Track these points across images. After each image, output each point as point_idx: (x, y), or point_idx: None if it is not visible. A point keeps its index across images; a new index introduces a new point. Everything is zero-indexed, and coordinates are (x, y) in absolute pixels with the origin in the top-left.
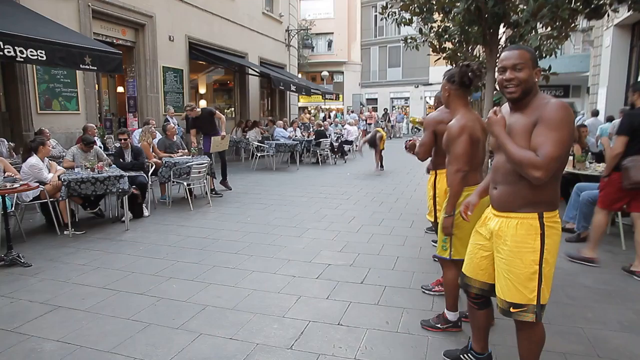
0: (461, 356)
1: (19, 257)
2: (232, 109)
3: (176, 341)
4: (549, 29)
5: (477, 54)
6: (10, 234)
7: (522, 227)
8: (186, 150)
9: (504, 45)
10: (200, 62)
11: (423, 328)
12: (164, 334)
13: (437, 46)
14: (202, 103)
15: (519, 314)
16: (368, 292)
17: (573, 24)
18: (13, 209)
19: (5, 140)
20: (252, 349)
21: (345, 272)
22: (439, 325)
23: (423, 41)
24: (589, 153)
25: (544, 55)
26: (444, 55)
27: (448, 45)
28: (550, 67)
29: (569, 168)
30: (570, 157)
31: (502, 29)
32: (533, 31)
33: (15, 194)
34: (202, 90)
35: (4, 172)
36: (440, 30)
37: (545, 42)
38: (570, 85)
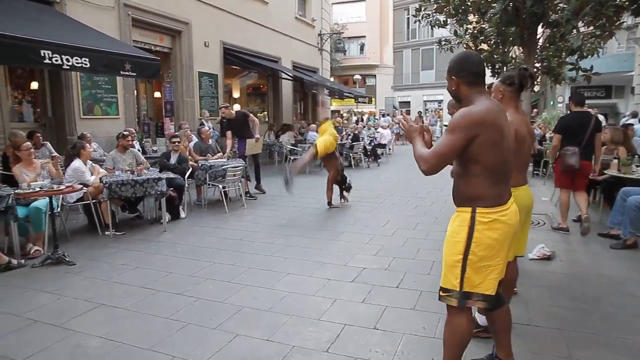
0: None
1: (64, 255)
2: (266, 112)
3: (213, 341)
4: (592, 27)
5: (514, 55)
6: (56, 233)
7: (458, 219)
8: (221, 154)
9: (542, 46)
10: (235, 66)
11: None
12: (202, 333)
13: (473, 48)
14: (236, 107)
15: (445, 298)
16: (404, 296)
17: (618, 22)
18: (59, 209)
19: (48, 143)
20: (288, 351)
21: (380, 276)
22: None
23: (458, 43)
24: (636, 156)
25: (585, 55)
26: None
27: (484, 46)
28: (592, 68)
29: (613, 172)
30: (615, 161)
31: (540, 29)
32: (574, 30)
33: (61, 196)
34: (236, 94)
35: (49, 175)
36: (475, 31)
37: (587, 42)
38: (613, 86)
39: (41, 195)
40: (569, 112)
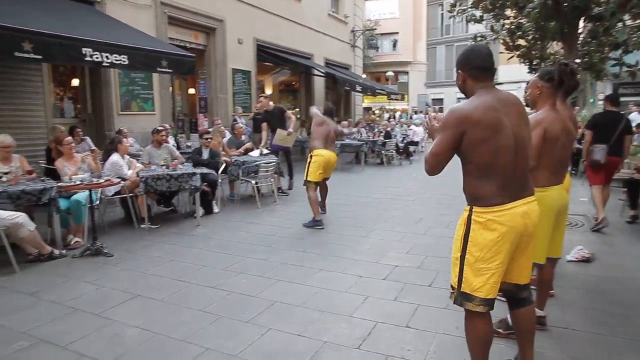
0: None
1: (102, 247)
2: (298, 109)
3: (246, 334)
4: (639, 20)
5: (553, 51)
6: (95, 225)
7: (460, 218)
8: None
9: (583, 40)
10: (267, 63)
11: None
12: (234, 327)
13: (510, 43)
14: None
15: (451, 295)
16: (437, 295)
17: None
18: (97, 202)
19: (88, 138)
20: (320, 347)
21: (412, 274)
22: (500, 330)
23: (494, 39)
24: None
25: (630, 49)
26: (518, 52)
27: (521, 42)
28: (637, 63)
29: None
30: None
31: (581, 23)
32: (619, 24)
33: (100, 189)
34: (269, 91)
35: (89, 169)
36: (513, 27)
37: (633, 35)
38: None
39: (81, 188)
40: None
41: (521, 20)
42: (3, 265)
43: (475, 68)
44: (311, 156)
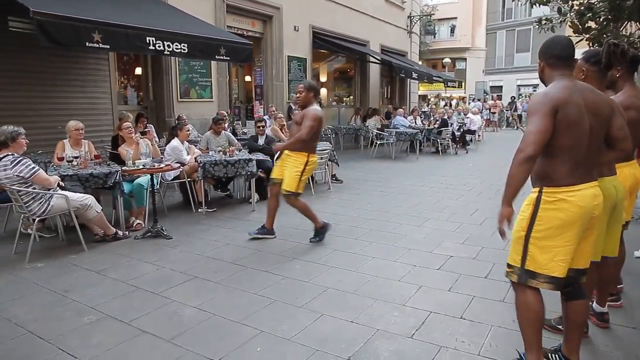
0: (549, 355)
1: (162, 229)
2: (352, 97)
3: (299, 319)
4: None
5: (627, 33)
6: (156, 208)
7: (527, 199)
8: None
9: None
10: (323, 50)
11: (544, 329)
12: (288, 311)
13: (579, 26)
14: (323, 91)
15: (508, 274)
16: (493, 287)
17: None
18: (158, 186)
19: (152, 127)
20: (372, 334)
21: (468, 265)
22: (560, 327)
23: (560, 22)
24: None
25: None
26: (587, 36)
27: (591, 24)
28: None
29: None
30: None
31: None
32: None
33: (160, 174)
34: (323, 78)
35: (151, 154)
36: (582, 8)
37: None
38: None
39: (144, 172)
40: None
41: (592, 1)
42: (73, 244)
43: (553, 57)
44: (307, 162)
